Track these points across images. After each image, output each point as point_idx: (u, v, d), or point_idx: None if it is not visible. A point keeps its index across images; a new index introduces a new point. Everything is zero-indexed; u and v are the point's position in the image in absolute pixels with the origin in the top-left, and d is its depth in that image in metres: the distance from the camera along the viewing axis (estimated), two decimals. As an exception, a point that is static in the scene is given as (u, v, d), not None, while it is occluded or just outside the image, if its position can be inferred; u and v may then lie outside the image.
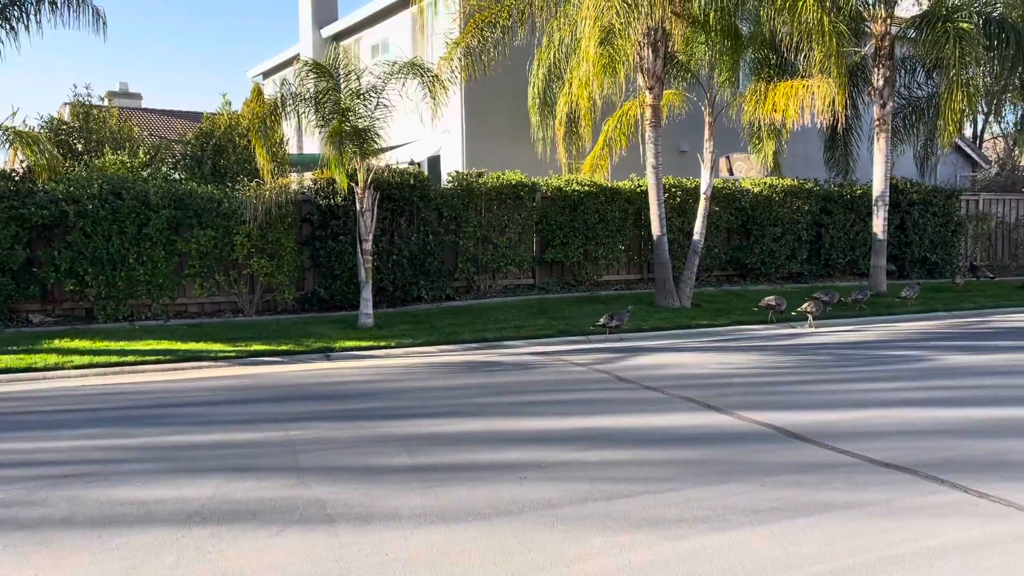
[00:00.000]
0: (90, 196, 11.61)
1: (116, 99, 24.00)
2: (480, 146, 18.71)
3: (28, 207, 11.38)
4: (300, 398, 8.15)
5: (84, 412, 7.73)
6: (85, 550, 4.15)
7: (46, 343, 10.37)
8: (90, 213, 11.60)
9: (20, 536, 4.33)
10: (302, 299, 13.69)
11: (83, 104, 14.12)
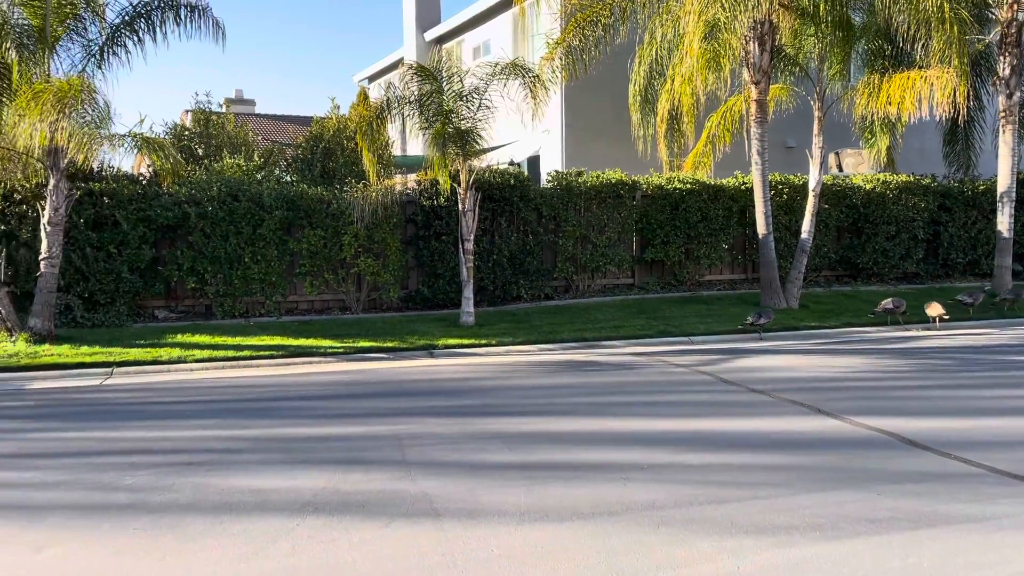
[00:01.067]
0: (210, 198, 12.23)
1: (232, 106, 25.14)
2: (579, 145, 18.68)
3: (154, 209, 12.08)
4: (405, 394, 8.35)
5: (204, 403, 8.15)
6: (208, 535, 4.38)
7: (170, 337, 10.97)
8: (209, 214, 12.22)
9: (149, 520, 4.60)
10: (406, 297, 14.00)
11: (203, 111, 14.88)
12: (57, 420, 7.41)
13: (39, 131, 9.19)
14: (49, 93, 9.24)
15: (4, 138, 10.03)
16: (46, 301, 10.61)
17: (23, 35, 10.18)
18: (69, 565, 4.03)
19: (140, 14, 10.78)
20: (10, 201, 11.42)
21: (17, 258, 11.31)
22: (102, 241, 11.80)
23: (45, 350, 10.03)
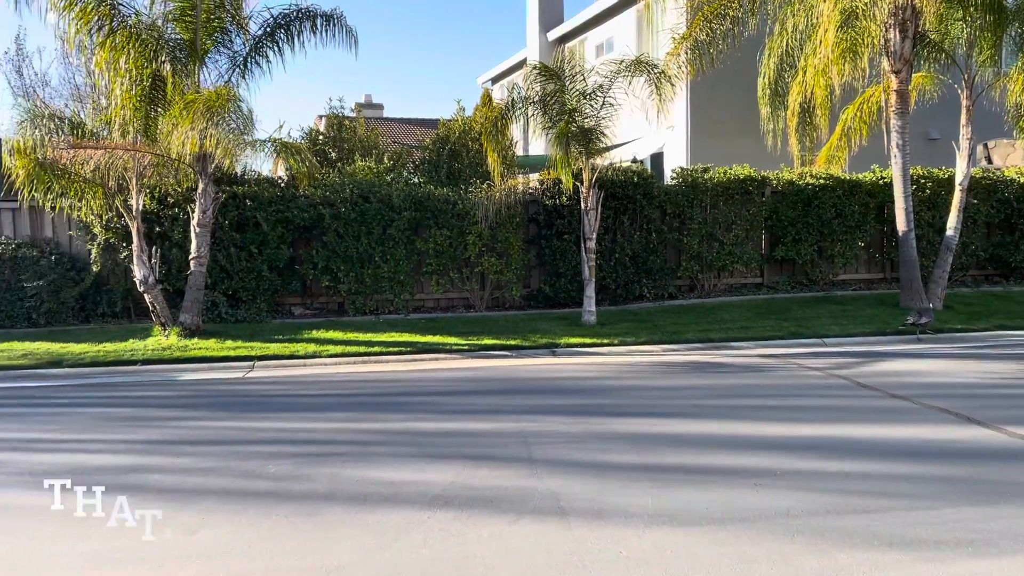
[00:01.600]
0: (343, 200, 12.73)
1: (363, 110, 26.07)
2: (705, 141, 18.28)
3: (291, 211, 12.68)
4: (529, 391, 8.41)
5: (338, 396, 8.49)
6: (345, 524, 4.56)
7: (305, 333, 11.49)
8: (342, 215, 12.72)
9: (290, 507, 4.83)
10: (528, 296, 14.11)
11: (337, 116, 15.49)
12: (206, 410, 7.90)
13: (190, 138, 9.82)
14: (199, 103, 9.87)
15: (159, 146, 10.77)
16: (195, 298, 11.34)
17: (176, 49, 10.91)
18: (219, 547, 4.29)
19: (280, 25, 11.35)
20: (164, 204, 12.26)
21: (170, 257, 12.12)
22: (244, 241, 12.49)
23: (194, 344, 10.71)
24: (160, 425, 7.14)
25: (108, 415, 7.66)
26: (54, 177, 10.61)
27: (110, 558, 4.15)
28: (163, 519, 4.64)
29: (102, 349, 10.40)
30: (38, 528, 4.59)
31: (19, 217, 12.71)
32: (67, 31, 10.31)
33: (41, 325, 12.03)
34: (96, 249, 12.31)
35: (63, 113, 11.66)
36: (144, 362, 9.98)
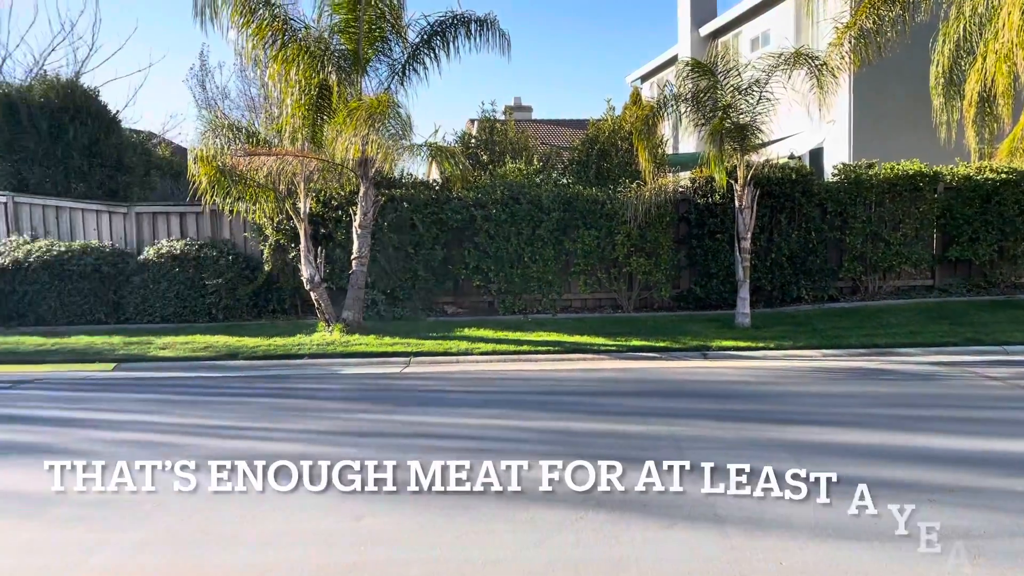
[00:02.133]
0: (494, 201, 13.00)
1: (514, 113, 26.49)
2: (869, 135, 17.29)
3: (445, 212, 13.08)
4: (679, 394, 8.26)
5: (490, 393, 8.67)
6: (498, 519, 4.65)
7: (457, 331, 11.81)
8: (493, 217, 12.99)
9: (446, 500, 4.98)
10: (677, 297, 13.87)
11: (489, 119, 15.82)
12: (366, 403, 8.28)
13: (353, 144, 10.34)
14: (361, 110, 10.37)
15: (325, 152, 11.40)
16: (356, 296, 11.92)
17: (340, 59, 11.51)
18: (382, 534, 4.48)
19: (436, 32, 11.73)
20: (328, 207, 12.96)
21: (333, 257, 12.80)
22: (401, 242, 13.00)
23: (355, 340, 11.25)
24: (325, 416, 7.56)
25: (278, 405, 8.19)
26: (232, 183, 11.45)
27: (285, 539, 4.43)
28: (331, 506, 4.91)
29: (273, 343, 11.12)
30: (220, 508, 4.97)
31: (201, 220, 13.81)
32: (245, 46, 11.13)
33: (219, 320, 13.00)
34: (268, 250, 13.18)
35: (240, 123, 12.59)
36: (310, 356, 10.59)
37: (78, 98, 15.26)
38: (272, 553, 4.25)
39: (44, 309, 12.83)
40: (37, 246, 13.07)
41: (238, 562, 4.14)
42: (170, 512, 4.85)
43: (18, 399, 8.60)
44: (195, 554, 4.26)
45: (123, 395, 8.74)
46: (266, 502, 5.02)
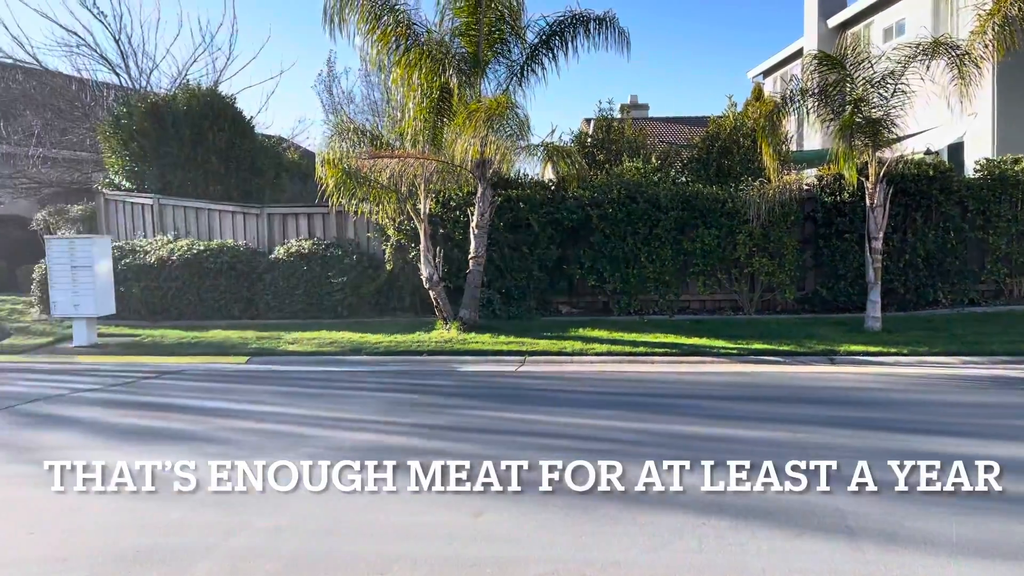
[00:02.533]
0: (610, 201, 12.92)
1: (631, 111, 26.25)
2: (1014, 129, 16.13)
3: (560, 212, 13.10)
4: (804, 400, 7.96)
5: (605, 394, 8.60)
6: (618, 522, 4.61)
7: (572, 331, 11.79)
8: (609, 216, 12.90)
9: (564, 500, 4.97)
10: (801, 299, 13.37)
11: (605, 118, 15.73)
12: (482, 400, 8.38)
13: (472, 146, 10.50)
14: (481, 112, 10.51)
15: (444, 153, 11.62)
16: (473, 295, 12.10)
17: (461, 62, 11.72)
18: (501, 531, 4.53)
19: (555, 32, 11.75)
20: (447, 208, 13.22)
21: (451, 257, 13.04)
22: (517, 242, 13.10)
23: (471, 338, 11.42)
24: (444, 412, 7.71)
25: (400, 400, 8.41)
26: (357, 184, 11.84)
27: (409, 533, 4.54)
28: (451, 502, 5.00)
29: (394, 340, 11.43)
30: (346, 499, 5.15)
31: (328, 220, 14.36)
32: (370, 52, 11.50)
33: (343, 316, 13.48)
34: (389, 249, 13.56)
35: (364, 127, 13.01)
36: (429, 353, 10.82)
37: (216, 105, 16.16)
38: (396, 546, 4.36)
39: (184, 304, 13.67)
40: (179, 245, 13.93)
41: (364, 553, 4.27)
42: (302, 502, 5.06)
43: (163, 388, 9.19)
44: (324, 543, 4.42)
45: (256, 387, 9.19)
46: (389, 496, 5.16)
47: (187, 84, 17.70)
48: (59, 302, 11.88)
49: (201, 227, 14.96)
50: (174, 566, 4.14)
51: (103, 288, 11.92)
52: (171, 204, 15.18)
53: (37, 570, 4.11)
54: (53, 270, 11.96)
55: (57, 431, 7.09)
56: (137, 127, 15.55)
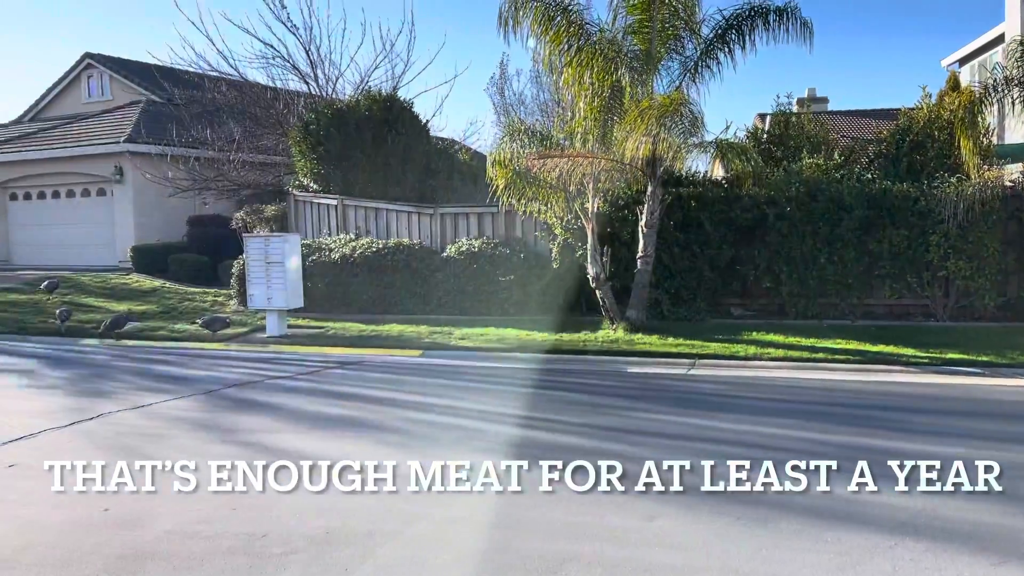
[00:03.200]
0: (787, 199, 12.36)
1: (811, 104, 25.03)
2: None
3: (734, 211, 12.68)
4: (1008, 416, 7.27)
5: (781, 402, 8.26)
6: (800, 537, 4.39)
7: (745, 334, 11.38)
8: (787, 215, 12.35)
9: (740, 509, 4.80)
10: (1004, 305, 12.22)
11: (784, 112, 15.07)
12: (651, 403, 8.26)
13: (643, 144, 10.38)
14: (653, 109, 10.36)
15: (613, 152, 11.55)
16: (640, 295, 11.96)
17: (632, 60, 11.60)
18: (675, 537, 4.43)
19: (731, 26, 11.37)
20: (615, 207, 13.14)
21: (618, 256, 12.94)
22: (687, 241, 12.82)
23: (639, 339, 11.29)
24: (611, 413, 7.67)
25: (565, 399, 8.46)
26: (526, 184, 12.01)
27: (579, 532, 4.55)
28: (623, 503, 4.96)
29: (560, 338, 11.51)
30: (516, 495, 5.22)
31: (496, 220, 14.67)
32: (542, 53, 11.62)
33: (511, 314, 13.70)
34: (556, 248, 13.66)
35: (534, 128, 13.18)
36: (594, 353, 10.81)
37: (395, 110, 16.92)
38: (566, 544, 4.37)
39: (364, 299, 14.41)
40: (360, 243, 14.71)
41: (535, 549, 4.31)
42: (474, 496, 5.18)
43: (345, 378, 9.74)
44: (496, 537, 4.51)
45: (429, 380, 9.54)
46: (559, 494, 5.18)
47: (368, 90, 18.63)
48: (255, 295, 12.87)
49: (380, 226, 15.71)
50: (360, 548, 4.36)
51: (293, 283, 12.79)
52: (353, 204, 16.05)
53: (237, 544, 4.46)
54: (250, 266, 12.98)
55: (253, 415, 7.68)
56: (324, 132, 16.55)
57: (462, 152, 20.95)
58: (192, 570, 4.12)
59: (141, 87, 24.90)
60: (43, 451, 6.44)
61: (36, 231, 23.75)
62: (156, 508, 5.04)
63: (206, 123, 20.07)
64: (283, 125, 19.56)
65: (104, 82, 26.66)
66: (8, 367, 10.84)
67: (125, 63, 26.59)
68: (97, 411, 7.79)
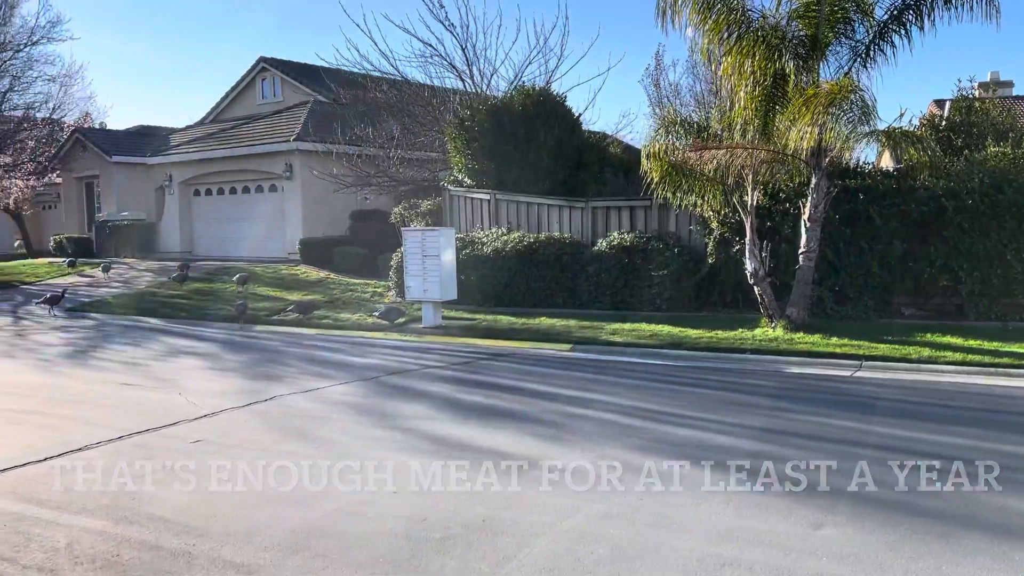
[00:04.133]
0: (970, 191, 11.42)
1: (996, 89, 23.02)
2: None
3: (907, 204, 11.86)
4: None
5: (958, 409, 7.63)
6: (983, 554, 4.05)
7: (918, 336, 10.62)
8: (969, 208, 11.41)
9: (915, 523, 4.48)
10: None
11: (965, 98, 13.94)
12: (812, 404, 7.85)
13: (808, 133, 9.88)
14: (820, 96, 9.84)
15: (774, 143, 11.07)
16: (802, 292, 11.42)
17: (797, 46, 11.06)
18: (843, 547, 4.18)
19: (908, 5, 10.61)
20: (775, 200, 12.60)
21: (778, 252, 12.41)
22: (854, 236, 12.10)
23: (799, 338, 10.77)
24: (770, 414, 7.37)
25: (722, 398, 8.20)
26: (682, 177, 11.73)
27: (740, 536, 4.39)
28: (786, 509, 4.74)
29: (714, 336, 11.18)
30: (670, 494, 5.11)
31: (649, 214, 14.45)
32: (700, 42, 11.30)
33: (663, 310, 13.46)
34: (712, 243, 13.28)
35: (691, 119, 12.84)
36: (752, 351, 10.41)
37: (548, 105, 16.98)
38: (724, 548, 4.23)
39: (515, 292, 14.59)
40: (512, 237, 14.91)
41: (692, 551, 4.20)
42: (629, 493, 5.12)
43: (497, 370, 9.90)
44: (651, 536, 4.42)
45: (579, 374, 9.52)
46: (715, 495, 5.03)
47: (522, 85, 18.79)
48: (412, 287, 13.33)
49: (531, 220, 15.85)
50: (516, 538, 4.40)
51: (447, 275, 13.14)
52: (505, 199, 16.28)
53: (398, 526, 4.62)
54: (407, 258, 13.45)
55: (412, 402, 7.95)
56: (478, 128, 16.87)
57: (613, 145, 20.76)
58: (357, 549, 4.29)
59: (309, 88, 26.38)
60: (224, 428, 6.95)
61: (215, 225, 25.73)
62: (324, 488, 5.31)
63: (368, 121, 20.96)
64: (439, 122, 20.11)
65: (276, 84, 28.47)
66: (193, 350, 11.78)
67: (295, 66, 28.27)
68: (270, 393, 8.32)
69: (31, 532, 4.61)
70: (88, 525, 4.70)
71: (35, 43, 23.91)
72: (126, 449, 6.33)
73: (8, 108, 24.71)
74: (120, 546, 4.38)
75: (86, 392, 8.67)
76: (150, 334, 13.42)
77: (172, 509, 4.93)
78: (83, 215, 29.51)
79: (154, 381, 9.25)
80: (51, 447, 6.37)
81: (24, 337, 13.42)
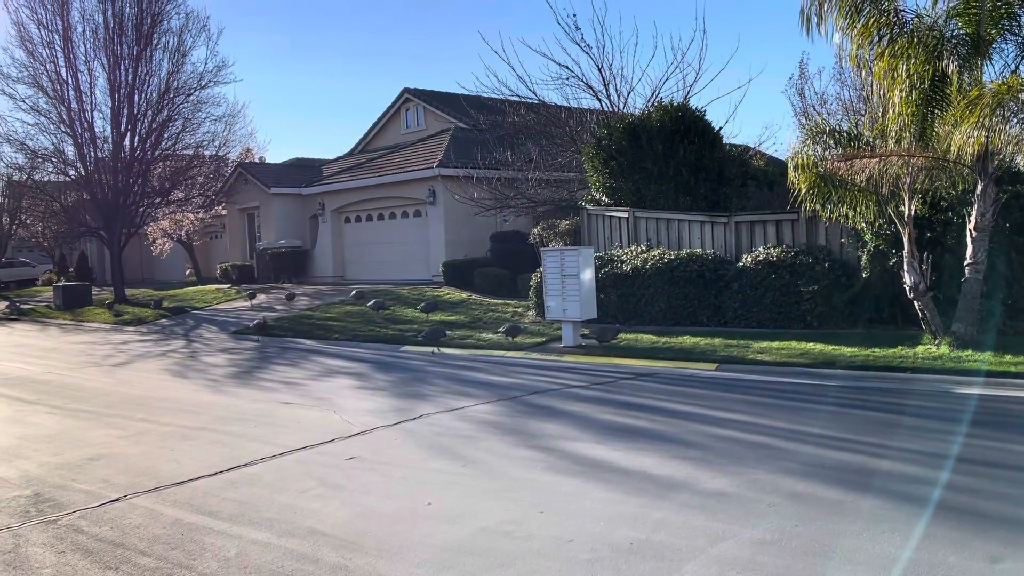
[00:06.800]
0: None
1: None
2: None
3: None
4: None
5: None
6: None
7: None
8: None
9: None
10: None
11: None
12: (985, 428, 7.25)
13: (973, 137, 9.22)
14: (986, 97, 9.16)
15: (934, 149, 10.40)
16: (969, 307, 10.62)
17: (957, 45, 10.36)
18: (1028, 587, 3.84)
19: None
20: (936, 209, 11.81)
21: (940, 264, 11.61)
22: (1027, 246, 11.17)
23: (968, 355, 10.02)
24: (937, 438, 6.88)
25: (883, 420, 7.73)
26: (832, 188, 11.21)
27: (908, 569, 4.12)
28: (961, 540, 4.41)
29: (871, 353, 10.57)
30: (843, 527, 4.86)
31: (796, 227, 13.90)
32: (848, 48, 10.81)
33: (813, 327, 12.88)
34: (865, 255, 12.60)
35: (840, 128, 12.28)
36: (913, 370, 9.77)
37: (687, 120, 16.72)
38: (892, 580, 3.98)
39: (655, 310, 14.39)
40: (651, 254, 14.73)
41: (856, 581, 3.98)
42: (783, 516, 4.92)
43: (639, 389, 9.78)
44: (806, 565, 4.21)
45: (724, 394, 9.25)
46: (880, 524, 4.74)
47: (660, 102, 18.60)
48: (551, 307, 13.41)
49: (671, 237, 15.61)
50: (664, 563, 4.32)
51: (587, 294, 13.14)
52: (644, 216, 16.13)
53: (545, 547, 4.63)
54: (547, 278, 13.55)
55: (552, 422, 7.98)
56: (615, 146, 16.84)
57: (756, 158, 20.18)
58: (505, 568, 4.34)
59: (450, 115, 27.26)
60: (376, 446, 7.23)
61: (363, 249, 26.96)
62: (472, 506, 5.42)
63: (506, 145, 21.38)
64: (576, 142, 20.23)
65: (419, 113, 29.60)
66: (344, 370, 12.34)
67: (436, 95, 29.30)
68: (418, 412, 8.59)
69: (204, 541, 4.96)
70: (255, 537, 5.00)
71: (204, 87, 25.95)
72: (287, 465, 6.71)
73: (180, 147, 26.94)
74: (283, 558, 4.64)
75: (250, 410, 9.26)
76: (312, 355, 14.18)
77: (330, 524, 5.17)
78: (245, 244, 31.68)
79: (311, 400, 9.76)
80: (220, 462, 6.83)
81: (195, 359, 14.51)
